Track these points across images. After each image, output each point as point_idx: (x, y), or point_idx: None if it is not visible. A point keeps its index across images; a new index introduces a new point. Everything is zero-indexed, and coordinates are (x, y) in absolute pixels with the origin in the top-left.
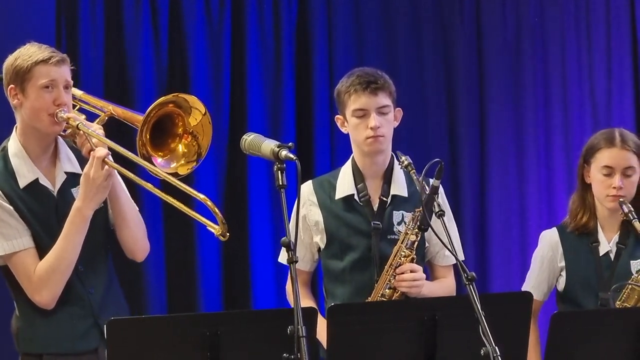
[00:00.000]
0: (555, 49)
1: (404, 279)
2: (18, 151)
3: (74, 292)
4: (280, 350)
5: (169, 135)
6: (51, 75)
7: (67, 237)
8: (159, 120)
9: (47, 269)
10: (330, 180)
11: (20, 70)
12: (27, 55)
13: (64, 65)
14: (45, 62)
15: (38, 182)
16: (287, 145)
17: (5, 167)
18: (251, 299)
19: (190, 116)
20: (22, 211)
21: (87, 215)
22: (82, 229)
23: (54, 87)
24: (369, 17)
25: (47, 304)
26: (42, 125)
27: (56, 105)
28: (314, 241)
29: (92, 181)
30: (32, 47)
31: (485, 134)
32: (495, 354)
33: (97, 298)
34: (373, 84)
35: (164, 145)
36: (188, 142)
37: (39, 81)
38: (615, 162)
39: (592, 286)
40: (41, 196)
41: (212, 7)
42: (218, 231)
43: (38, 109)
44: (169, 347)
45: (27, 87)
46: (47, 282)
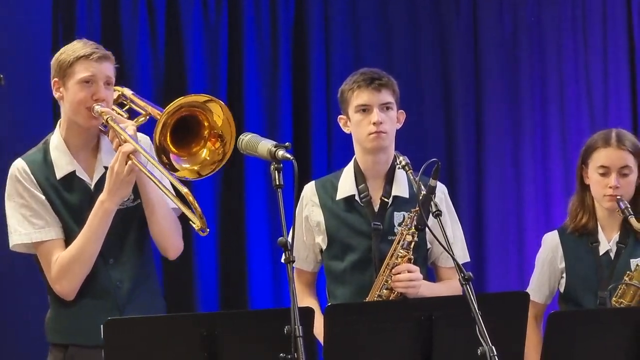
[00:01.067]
0: (552, 49)
1: (400, 279)
2: (59, 144)
3: (101, 284)
4: (277, 350)
5: (193, 136)
6: (91, 70)
7: (89, 230)
8: (183, 118)
9: (68, 259)
10: (332, 180)
11: (63, 65)
12: (71, 50)
13: (106, 61)
14: (87, 57)
15: (75, 174)
16: (284, 145)
17: (45, 158)
18: (248, 299)
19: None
20: (55, 202)
21: (109, 208)
22: (105, 222)
23: (93, 82)
24: (366, 17)
25: (66, 294)
26: (80, 118)
27: (94, 99)
28: (316, 242)
29: (115, 175)
30: (78, 43)
31: (482, 134)
32: (492, 353)
33: (123, 292)
34: (377, 80)
35: (185, 146)
36: (214, 148)
37: (79, 76)
38: (611, 162)
39: (592, 286)
40: (77, 188)
41: (209, 7)
42: (198, 226)
43: (77, 102)
44: (166, 347)
45: (68, 81)
46: (67, 272)
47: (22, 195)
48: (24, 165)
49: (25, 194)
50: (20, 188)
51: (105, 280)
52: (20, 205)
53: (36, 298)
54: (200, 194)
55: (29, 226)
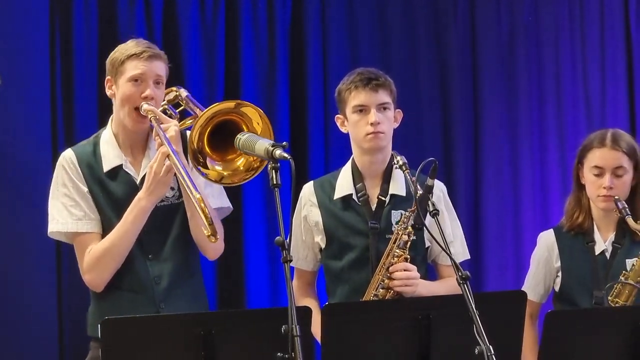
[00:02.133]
0: (549, 49)
1: (397, 277)
2: (109, 138)
3: (140, 279)
4: (274, 349)
5: (232, 144)
6: (141, 68)
7: (123, 225)
8: (223, 123)
9: (99, 252)
10: (330, 180)
11: (115, 63)
12: (123, 49)
13: (157, 60)
14: (137, 55)
15: (122, 168)
16: (281, 144)
17: (94, 151)
18: (245, 298)
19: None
20: (98, 195)
21: (146, 207)
22: (140, 219)
23: (142, 80)
24: (363, 17)
25: (95, 285)
26: (127, 118)
27: (142, 97)
28: (315, 241)
29: (153, 174)
30: (131, 42)
31: (479, 134)
32: (490, 352)
33: (161, 288)
34: (374, 80)
35: (222, 152)
36: (251, 160)
37: (129, 73)
38: (605, 162)
39: (588, 285)
40: (123, 182)
41: (206, 6)
42: (207, 232)
43: (125, 99)
44: (163, 347)
45: (119, 79)
46: (97, 265)
47: (66, 184)
48: (72, 155)
49: (69, 184)
50: (65, 177)
51: (144, 275)
52: (63, 194)
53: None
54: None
55: (67, 216)
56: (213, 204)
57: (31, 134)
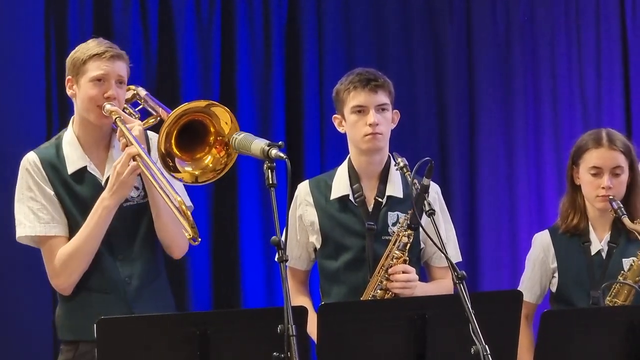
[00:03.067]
0: (545, 48)
1: (397, 279)
2: (71, 140)
3: (111, 280)
4: (270, 349)
5: (199, 142)
6: (103, 68)
7: (88, 227)
8: (190, 123)
9: (66, 254)
10: (326, 180)
11: (77, 62)
12: (85, 48)
13: (119, 60)
14: (99, 55)
15: (87, 169)
16: (277, 144)
17: (57, 154)
18: (241, 298)
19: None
20: (64, 198)
21: (109, 206)
22: (104, 220)
23: (105, 80)
24: (359, 17)
25: (63, 289)
26: (92, 116)
27: (105, 97)
28: (310, 241)
29: (116, 175)
30: (93, 42)
31: (475, 134)
32: (485, 352)
33: (133, 288)
34: (373, 81)
35: (190, 151)
36: (219, 157)
37: (92, 74)
38: (603, 163)
39: (584, 285)
40: (88, 183)
41: (202, 6)
42: (189, 235)
43: (88, 100)
44: (158, 346)
45: (81, 78)
46: (65, 268)
47: (31, 188)
48: (36, 158)
49: (35, 187)
50: (30, 181)
51: (114, 275)
52: (29, 198)
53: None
54: (193, 192)
55: (34, 219)
56: None
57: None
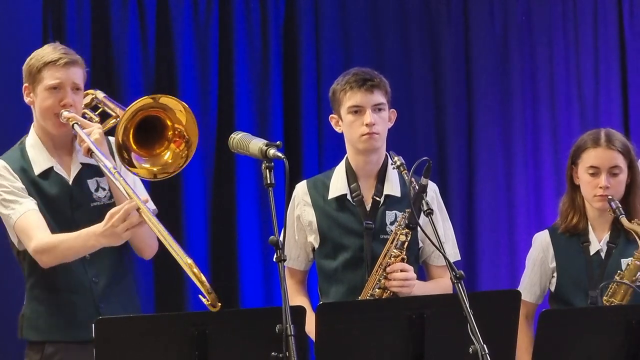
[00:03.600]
0: (543, 48)
1: (395, 278)
2: (35, 143)
3: (78, 279)
4: (268, 349)
5: (157, 138)
6: (58, 76)
7: (75, 243)
8: (147, 119)
9: (52, 245)
10: (324, 180)
11: (32, 70)
12: (40, 55)
13: (74, 67)
14: (54, 63)
15: (53, 169)
16: (275, 144)
17: (22, 156)
18: (239, 297)
19: (176, 116)
20: (34, 196)
21: (95, 246)
22: (89, 249)
23: (60, 88)
24: (356, 17)
25: (44, 264)
26: (49, 125)
27: (61, 105)
28: (308, 241)
29: (111, 226)
30: (47, 48)
31: (472, 134)
32: (484, 351)
33: (100, 287)
34: (369, 81)
35: (148, 147)
36: (178, 151)
37: (47, 82)
38: (601, 162)
39: (583, 285)
40: (56, 183)
41: (200, 6)
42: (208, 302)
43: (45, 109)
44: (157, 346)
45: (37, 87)
46: (49, 252)
47: (3, 184)
48: (4, 163)
49: (6, 182)
50: (1, 180)
51: (81, 275)
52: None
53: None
54: (191, 192)
55: (10, 205)
56: None
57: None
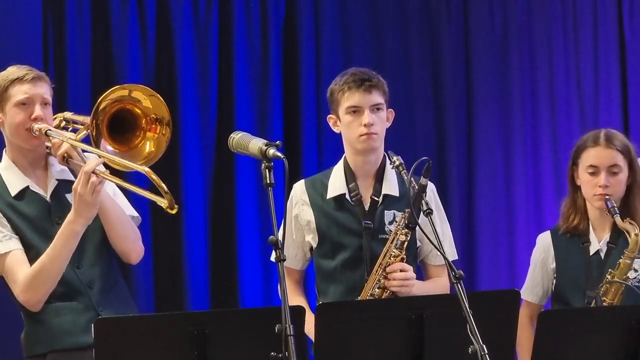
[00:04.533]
0: (543, 48)
1: (395, 277)
2: (8, 165)
3: (74, 288)
4: (268, 348)
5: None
6: (26, 91)
7: (54, 249)
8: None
9: (33, 274)
10: (322, 179)
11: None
12: (5, 75)
13: (40, 82)
14: (20, 79)
15: (29, 189)
16: (275, 143)
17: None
18: (239, 297)
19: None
20: (12, 219)
21: (75, 230)
22: (71, 242)
23: (29, 103)
24: (356, 17)
25: (32, 305)
26: (21, 140)
27: (32, 120)
28: (306, 240)
29: (79, 197)
30: (11, 68)
31: (472, 133)
32: (483, 352)
33: (97, 292)
34: (367, 81)
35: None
36: (158, 135)
37: (16, 98)
38: (600, 161)
39: (581, 285)
40: (34, 201)
41: (200, 6)
42: (165, 204)
43: (16, 125)
44: (156, 346)
45: (6, 105)
46: (31, 286)
47: None
48: None
49: None
50: None
51: (76, 282)
52: None
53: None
54: (191, 192)
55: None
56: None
57: None
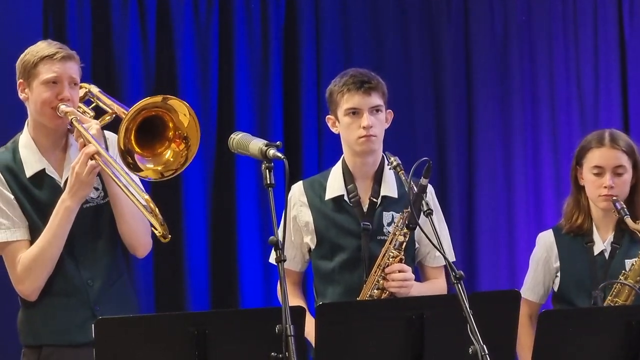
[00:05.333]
0: (543, 48)
1: (393, 278)
2: (27, 143)
3: (72, 283)
4: (268, 349)
5: (158, 137)
6: (55, 70)
7: (50, 230)
8: (148, 119)
9: (29, 260)
10: (320, 180)
11: (27, 66)
12: (35, 51)
13: (70, 61)
14: (50, 57)
15: (45, 172)
16: (275, 144)
17: (14, 158)
18: (239, 297)
19: (179, 118)
20: (23, 201)
21: (70, 207)
22: (66, 222)
23: (57, 82)
24: (357, 17)
25: (29, 294)
26: (46, 119)
27: (59, 99)
28: (304, 242)
29: (75, 175)
30: (42, 44)
31: (472, 134)
32: (483, 352)
33: (95, 290)
34: (367, 83)
35: (150, 147)
36: (178, 150)
37: (44, 76)
38: (605, 162)
39: (586, 286)
40: (47, 186)
41: (200, 6)
42: (159, 233)
43: (41, 103)
44: (157, 346)
45: (33, 81)
46: (29, 272)
47: None
48: None
49: None
50: None
51: (75, 278)
52: None
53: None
54: (192, 193)
55: None
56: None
57: None
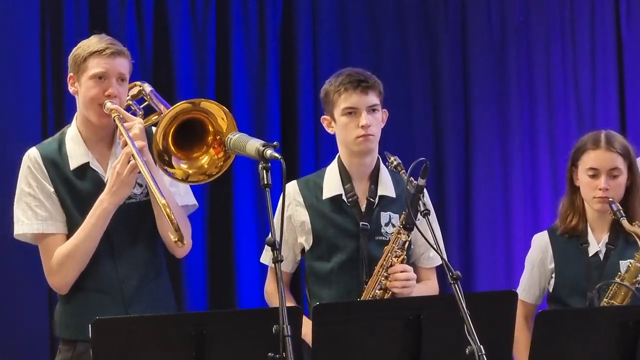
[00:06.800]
0: (540, 50)
1: (397, 278)
2: (75, 136)
3: (108, 280)
4: (265, 349)
5: (197, 141)
6: (103, 66)
7: (86, 227)
8: (188, 121)
9: (63, 254)
10: (315, 180)
11: (78, 60)
12: (86, 45)
13: (120, 57)
14: (100, 53)
15: (89, 165)
16: (272, 144)
17: (59, 149)
18: (236, 298)
19: (217, 122)
20: (63, 195)
21: (108, 208)
22: (102, 221)
23: (105, 78)
24: (354, 18)
25: (59, 288)
26: (92, 115)
27: (105, 96)
28: (298, 242)
29: (116, 175)
30: (94, 38)
31: (470, 135)
32: (480, 352)
33: (130, 288)
34: (364, 82)
35: (187, 150)
36: (216, 158)
37: (92, 71)
38: (600, 164)
39: (581, 287)
40: (90, 179)
41: (197, 6)
42: (174, 238)
43: (89, 98)
44: (154, 347)
45: (82, 76)
46: (61, 267)
47: (31, 184)
48: (37, 154)
49: (34, 183)
50: (30, 177)
51: (111, 276)
52: (27, 194)
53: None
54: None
55: (32, 216)
56: (180, 202)
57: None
